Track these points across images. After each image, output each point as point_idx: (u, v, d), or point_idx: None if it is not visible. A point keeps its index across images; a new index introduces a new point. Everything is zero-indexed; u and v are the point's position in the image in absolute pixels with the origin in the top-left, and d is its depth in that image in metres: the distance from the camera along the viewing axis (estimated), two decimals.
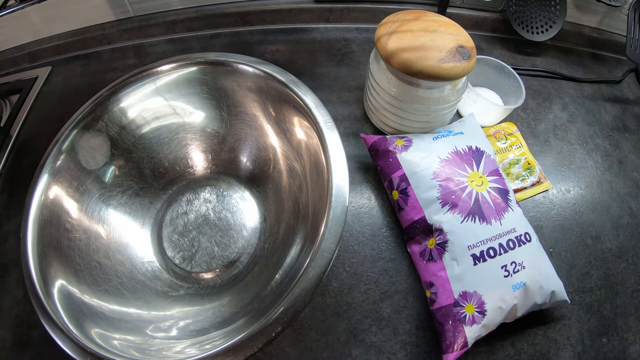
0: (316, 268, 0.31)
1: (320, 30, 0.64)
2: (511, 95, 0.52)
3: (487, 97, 0.50)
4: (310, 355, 0.38)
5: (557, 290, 0.37)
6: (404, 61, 0.39)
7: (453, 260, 0.37)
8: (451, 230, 0.38)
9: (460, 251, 0.37)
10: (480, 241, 0.37)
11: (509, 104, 0.50)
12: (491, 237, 0.38)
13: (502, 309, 0.36)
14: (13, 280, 0.42)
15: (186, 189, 0.47)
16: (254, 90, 0.44)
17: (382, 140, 0.45)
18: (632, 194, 0.49)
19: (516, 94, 0.51)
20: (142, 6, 0.62)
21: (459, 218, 0.38)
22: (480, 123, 0.49)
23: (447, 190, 0.40)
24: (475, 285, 0.36)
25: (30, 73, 0.60)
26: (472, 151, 0.43)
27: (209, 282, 0.42)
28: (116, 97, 0.43)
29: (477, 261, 0.37)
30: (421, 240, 0.41)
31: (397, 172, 0.43)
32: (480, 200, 0.39)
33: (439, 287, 0.38)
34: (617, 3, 0.58)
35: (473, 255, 0.37)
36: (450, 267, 0.37)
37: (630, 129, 0.55)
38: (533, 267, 0.37)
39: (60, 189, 0.39)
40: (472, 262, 0.37)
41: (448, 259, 0.38)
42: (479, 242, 0.37)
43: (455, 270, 0.37)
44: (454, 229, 0.38)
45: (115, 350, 0.31)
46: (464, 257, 0.37)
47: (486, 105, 0.50)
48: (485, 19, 0.63)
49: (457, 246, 0.38)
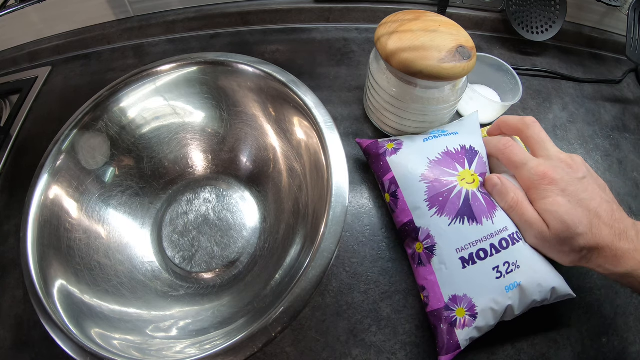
0: (316, 268, 0.31)
1: (320, 30, 0.64)
2: (509, 93, 0.52)
3: (484, 94, 0.50)
4: (310, 355, 0.38)
5: (558, 286, 0.36)
6: (404, 61, 0.39)
7: (441, 264, 0.37)
8: (439, 233, 0.37)
9: (448, 255, 0.37)
10: (469, 243, 0.37)
11: (507, 101, 0.50)
12: (481, 239, 0.37)
13: (494, 310, 0.35)
14: (13, 280, 0.42)
15: (186, 189, 0.47)
16: (254, 90, 0.44)
17: (373, 144, 0.45)
18: (632, 194, 0.49)
19: (514, 91, 0.51)
20: (142, 6, 0.62)
21: (446, 221, 0.38)
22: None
23: (435, 192, 0.39)
24: (464, 289, 0.36)
25: (30, 73, 0.60)
26: (465, 150, 0.42)
27: (209, 282, 0.42)
28: (116, 97, 0.43)
29: (466, 264, 0.36)
30: (410, 244, 0.40)
31: (387, 175, 0.42)
32: (471, 199, 0.38)
33: (429, 291, 0.37)
34: (617, 3, 0.58)
35: (462, 258, 0.36)
36: (439, 271, 0.37)
37: (630, 129, 0.55)
38: (529, 265, 0.37)
39: (60, 189, 0.39)
40: (461, 265, 0.36)
41: (437, 263, 0.37)
42: (467, 245, 0.36)
43: (444, 274, 0.37)
44: (441, 233, 0.37)
45: (115, 350, 0.31)
46: (453, 260, 0.36)
47: (483, 102, 0.50)
48: (485, 19, 0.64)
49: (445, 250, 0.37)
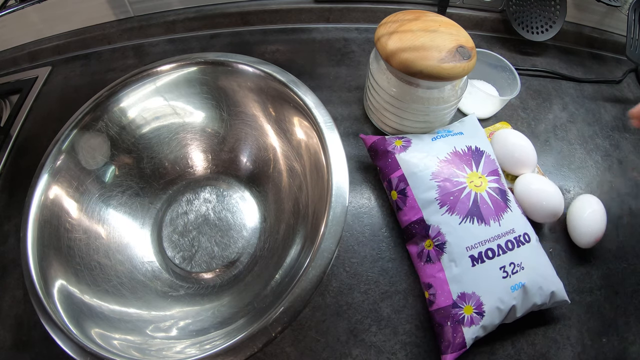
0: (316, 268, 0.31)
1: (320, 30, 0.64)
2: (507, 88, 0.52)
3: (483, 89, 0.50)
4: (310, 355, 0.38)
5: (556, 290, 0.37)
6: (404, 61, 0.39)
7: (451, 261, 0.37)
8: (449, 231, 0.38)
9: (458, 252, 0.37)
10: (478, 242, 0.37)
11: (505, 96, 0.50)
12: (489, 238, 0.37)
13: (500, 309, 0.36)
14: (13, 280, 0.42)
15: (186, 189, 0.47)
16: (254, 90, 0.44)
17: (381, 141, 0.45)
18: (632, 194, 0.49)
19: (512, 86, 0.51)
20: (142, 6, 0.62)
21: (457, 219, 0.38)
22: (477, 115, 0.50)
23: (446, 191, 0.39)
24: (473, 287, 0.36)
25: (30, 73, 0.60)
26: (472, 151, 0.43)
27: (209, 282, 0.42)
28: (116, 97, 0.43)
29: (476, 262, 0.37)
30: (418, 242, 0.41)
31: (396, 172, 0.43)
32: (479, 201, 0.39)
33: (437, 289, 0.38)
34: (617, 3, 0.58)
35: (471, 256, 0.37)
36: (449, 268, 0.37)
37: (630, 129, 0.55)
38: (532, 267, 0.37)
39: (60, 189, 0.39)
40: (471, 263, 0.37)
41: (446, 260, 0.38)
42: (477, 243, 0.37)
43: (454, 272, 0.37)
44: (452, 230, 0.38)
45: (115, 350, 0.31)
46: (462, 258, 0.37)
47: (482, 96, 0.50)
48: (485, 19, 0.64)
49: (455, 247, 0.37)
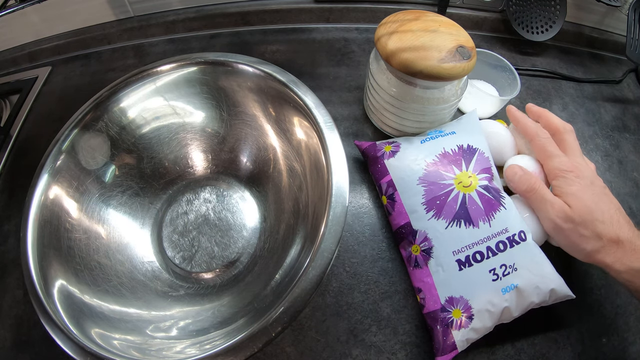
0: (316, 268, 0.31)
1: (320, 30, 0.64)
2: (507, 88, 0.52)
3: (483, 89, 0.50)
4: (310, 355, 0.38)
5: (557, 287, 0.37)
6: (404, 61, 0.39)
7: (438, 266, 0.37)
8: (436, 236, 0.38)
9: (445, 257, 0.37)
10: (465, 246, 0.37)
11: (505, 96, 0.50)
12: (478, 241, 0.37)
13: (491, 312, 0.36)
14: (13, 280, 0.42)
15: (186, 189, 0.47)
16: (254, 90, 0.44)
17: (371, 147, 0.45)
18: (632, 194, 0.49)
19: (512, 86, 0.51)
20: (142, 6, 0.62)
21: (443, 223, 0.38)
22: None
23: (432, 195, 0.39)
24: (461, 291, 0.36)
25: (30, 73, 0.60)
26: (463, 150, 0.42)
27: (209, 282, 0.42)
28: (116, 97, 0.43)
29: (463, 266, 0.37)
30: (406, 247, 0.40)
31: (385, 178, 0.43)
32: (468, 202, 0.38)
33: (426, 293, 0.38)
34: (617, 3, 0.58)
35: (458, 260, 0.37)
36: (436, 273, 0.37)
37: (630, 129, 0.55)
38: (527, 267, 0.37)
39: (60, 189, 0.39)
40: (458, 267, 0.37)
41: (433, 265, 0.38)
42: (464, 247, 0.37)
43: (441, 276, 0.37)
44: (438, 235, 0.38)
45: (115, 350, 0.31)
46: (449, 263, 0.37)
47: (482, 96, 0.50)
48: (485, 19, 0.63)
49: (442, 252, 0.37)
